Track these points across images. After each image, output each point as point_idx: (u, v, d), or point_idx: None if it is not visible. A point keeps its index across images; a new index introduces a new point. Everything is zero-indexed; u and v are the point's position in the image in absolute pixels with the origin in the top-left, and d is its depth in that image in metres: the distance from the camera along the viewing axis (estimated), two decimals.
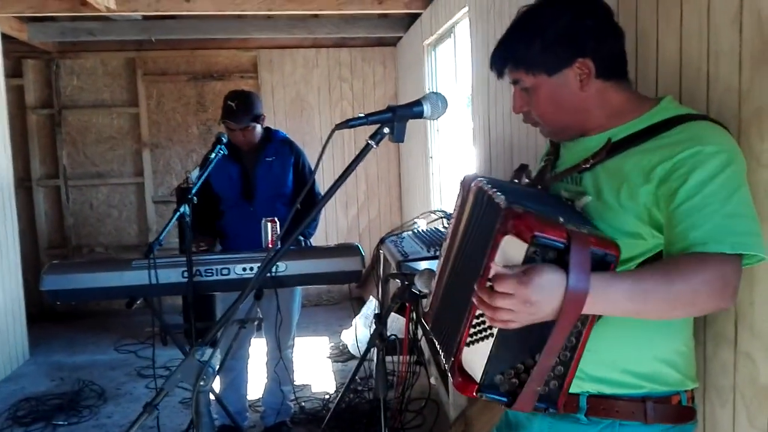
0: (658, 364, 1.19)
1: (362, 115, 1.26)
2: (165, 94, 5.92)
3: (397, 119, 1.26)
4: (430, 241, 3.20)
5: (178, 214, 2.38)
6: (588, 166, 1.20)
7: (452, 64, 4.14)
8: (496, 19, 3.07)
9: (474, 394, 1.07)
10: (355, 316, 4.82)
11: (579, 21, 1.19)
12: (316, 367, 4.35)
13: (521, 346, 1.03)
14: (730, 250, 1.02)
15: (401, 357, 2.67)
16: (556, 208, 1.14)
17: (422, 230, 3.61)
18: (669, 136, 1.13)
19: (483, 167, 3.42)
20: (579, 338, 1.04)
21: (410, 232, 3.55)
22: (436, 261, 2.70)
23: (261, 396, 3.43)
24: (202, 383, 1.14)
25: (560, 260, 0.97)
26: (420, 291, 1.51)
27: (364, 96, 6.06)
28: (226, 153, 2.81)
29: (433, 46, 4.62)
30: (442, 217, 3.72)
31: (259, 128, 3.10)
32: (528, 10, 1.24)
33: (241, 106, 3.00)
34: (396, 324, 4.13)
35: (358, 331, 4.31)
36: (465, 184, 1.27)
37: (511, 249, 0.99)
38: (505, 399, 1.05)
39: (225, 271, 2.65)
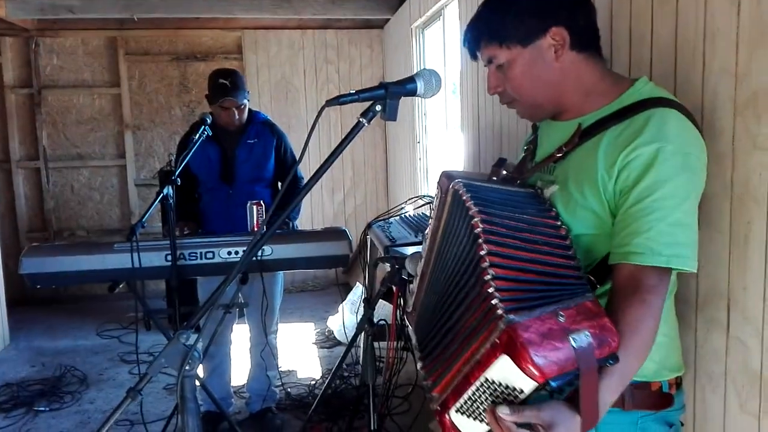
0: None
1: (353, 91, 1.21)
2: (147, 75, 5.81)
3: (389, 96, 1.22)
4: (418, 226, 3.17)
5: (161, 195, 2.32)
6: (561, 155, 1.21)
7: (441, 47, 4.09)
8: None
9: None
10: (342, 302, 4.80)
11: None
12: (302, 353, 4.32)
13: None
14: (665, 264, 1.06)
15: (389, 343, 2.65)
16: (526, 208, 1.14)
17: (409, 215, 3.58)
18: (634, 121, 1.12)
19: (471, 153, 3.39)
20: None
21: (397, 218, 3.52)
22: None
23: (246, 382, 3.40)
24: (187, 368, 1.10)
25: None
26: (410, 275, 1.48)
27: (351, 79, 5.99)
28: (210, 134, 2.74)
29: (421, 29, 4.57)
30: (429, 203, 3.69)
31: (246, 108, 3.04)
32: None
33: (236, 83, 2.94)
34: (383, 310, 4.11)
35: (344, 317, 4.29)
36: (443, 185, 1.24)
37: (508, 370, 0.92)
38: None
39: (209, 255, 2.60)
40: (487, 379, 0.95)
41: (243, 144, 3.04)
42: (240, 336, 3.43)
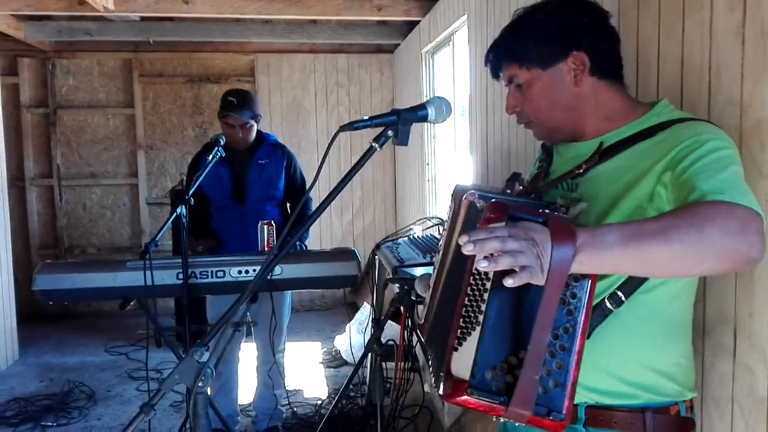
0: (656, 376, 1.18)
1: (366, 117, 1.25)
2: (161, 96, 5.90)
3: (401, 122, 1.25)
4: (426, 247, 3.20)
5: (174, 215, 2.36)
6: (581, 171, 1.20)
7: (450, 71, 4.15)
8: (494, 27, 3.08)
9: (465, 396, 0.94)
10: (349, 321, 4.81)
11: (575, 16, 1.21)
12: (308, 373, 4.33)
13: (512, 336, 0.94)
14: (734, 200, 0.94)
15: (396, 363, 2.66)
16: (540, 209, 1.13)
17: (418, 236, 3.61)
18: (663, 134, 1.13)
19: (480, 175, 3.43)
20: (574, 324, 0.96)
21: (406, 238, 3.54)
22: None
23: (252, 400, 3.41)
24: (200, 384, 1.12)
25: None
26: (419, 296, 1.50)
27: (361, 102, 6.06)
28: (224, 155, 2.79)
29: (431, 54, 4.63)
30: (437, 224, 3.72)
31: (256, 127, 3.10)
32: (524, 10, 1.27)
33: (242, 101, 3.00)
34: (389, 330, 4.12)
35: (351, 337, 4.30)
36: (456, 197, 1.27)
37: None
38: (501, 399, 0.92)
39: (220, 274, 2.63)
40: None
41: (254, 164, 3.09)
42: (247, 354, 3.44)
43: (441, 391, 0.98)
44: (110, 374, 4.37)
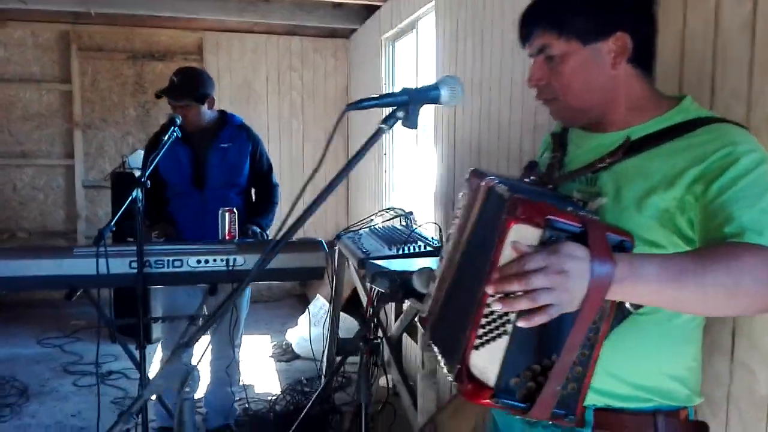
0: (667, 380, 1.14)
1: (376, 96, 1.14)
2: (101, 72, 5.56)
3: (412, 102, 1.15)
4: (390, 238, 3.11)
5: (130, 198, 2.18)
6: (604, 165, 1.13)
7: (413, 59, 4.06)
8: (465, 13, 3.01)
9: (488, 400, 0.97)
10: (299, 314, 4.67)
11: None
12: (259, 367, 4.17)
13: (538, 345, 0.95)
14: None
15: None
16: (567, 206, 1.07)
17: (379, 228, 3.52)
18: (694, 137, 1.07)
19: (446, 167, 3.36)
20: (597, 334, 0.97)
21: (367, 230, 3.45)
22: (402, 260, 2.63)
23: (203, 396, 3.24)
24: (187, 390, 0.99)
25: None
26: (414, 290, 1.41)
27: (315, 87, 5.90)
28: (180, 135, 2.60)
29: (392, 41, 4.53)
30: (398, 216, 3.64)
31: (203, 109, 2.87)
32: None
33: (183, 82, 2.80)
34: (344, 324, 4.02)
35: (307, 331, 4.17)
36: (473, 184, 1.18)
37: (522, 238, 0.91)
38: (522, 405, 0.95)
39: (177, 263, 2.46)
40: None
41: (215, 147, 2.90)
42: (199, 349, 3.27)
43: (460, 390, 0.99)
44: (44, 368, 4.09)
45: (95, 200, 5.64)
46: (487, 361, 0.96)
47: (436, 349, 1.15)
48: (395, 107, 1.16)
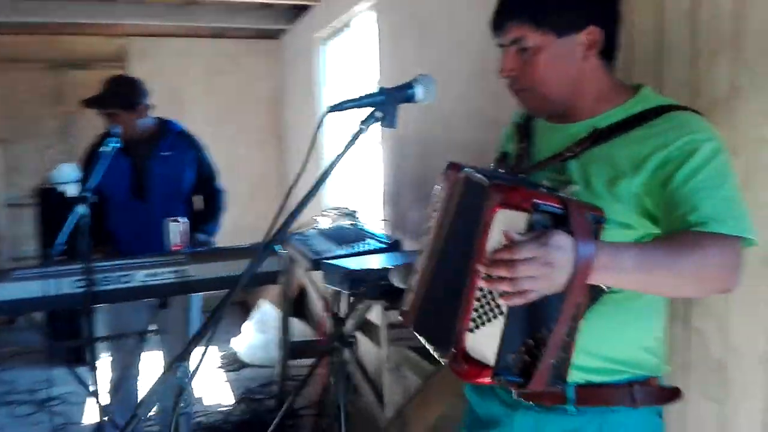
0: (640, 351, 1.21)
1: (356, 97, 1.14)
2: (17, 84, 5.26)
3: (388, 102, 1.15)
4: (339, 238, 3.10)
5: (78, 216, 2.07)
6: (573, 154, 1.18)
7: (347, 58, 4.05)
8: (407, 9, 3.03)
9: (489, 379, 1.01)
10: (241, 321, 4.57)
11: None
12: (206, 378, 4.06)
13: (529, 320, 0.99)
14: (730, 231, 1.03)
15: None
16: (543, 190, 1.12)
17: (326, 228, 3.50)
18: (656, 126, 1.14)
19: (394, 165, 3.38)
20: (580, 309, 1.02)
21: (314, 230, 3.43)
22: (356, 258, 2.63)
23: (155, 413, 3.12)
24: (182, 405, 0.96)
25: (558, 228, 0.96)
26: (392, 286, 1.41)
27: (246, 90, 5.80)
28: (119, 146, 2.48)
29: (325, 40, 4.50)
30: (344, 215, 3.63)
31: (133, 117, 2.72)
32: None
33: (110, 90, 2.69)
34: (293, 328, 3.97)
35: (252, 338, 4.10)
36: (450, 176, 1.20)
37: (508, 223, 0.96)
38: (519, 379, 0.99)
39: (125, 279, 2.36)
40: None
41: (156, 156, 2.78)
42: (148, 366, 3.14)
43: (458, 372, 1.05)
44: None
45: (18, 219, 5.34)
46: (483, 341, 1.00)
47: (422, 338, 1.18)
48: (374, 108, 1.16)
